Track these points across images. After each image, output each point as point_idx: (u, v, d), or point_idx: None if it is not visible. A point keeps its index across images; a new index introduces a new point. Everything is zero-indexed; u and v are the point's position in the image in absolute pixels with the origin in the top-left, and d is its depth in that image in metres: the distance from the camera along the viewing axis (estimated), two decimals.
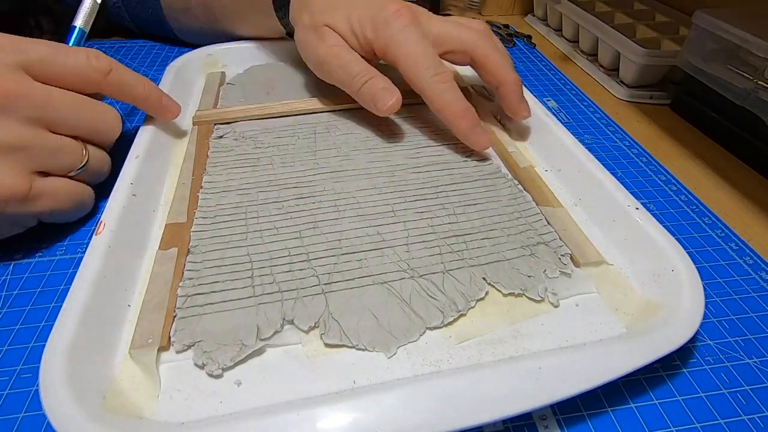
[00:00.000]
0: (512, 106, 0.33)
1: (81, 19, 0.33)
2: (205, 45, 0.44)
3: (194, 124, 0.35)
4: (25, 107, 0.23)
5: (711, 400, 0.21)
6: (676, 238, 0.24)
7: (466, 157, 0.33)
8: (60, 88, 0.25)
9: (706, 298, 0.22)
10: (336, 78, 0.33)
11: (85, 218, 0.29)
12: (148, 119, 0.32)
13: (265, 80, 0.42)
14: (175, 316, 0.22)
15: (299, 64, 0.41)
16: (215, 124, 0.35)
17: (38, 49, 0.25)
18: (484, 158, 0.33)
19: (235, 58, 0.44)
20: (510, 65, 0.33)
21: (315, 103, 0.37)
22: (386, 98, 0.31)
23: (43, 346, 0.18)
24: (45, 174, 0.25)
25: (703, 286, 0.22)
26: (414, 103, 0.35)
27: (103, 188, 0.31)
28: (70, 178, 0.26)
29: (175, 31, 0.49)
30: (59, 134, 0.25)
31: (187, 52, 0.43)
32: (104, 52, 0.27)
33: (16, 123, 0.23)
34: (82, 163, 0.26)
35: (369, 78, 0.31)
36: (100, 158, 0.28)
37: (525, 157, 0.33)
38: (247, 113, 0.36)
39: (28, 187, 0.23)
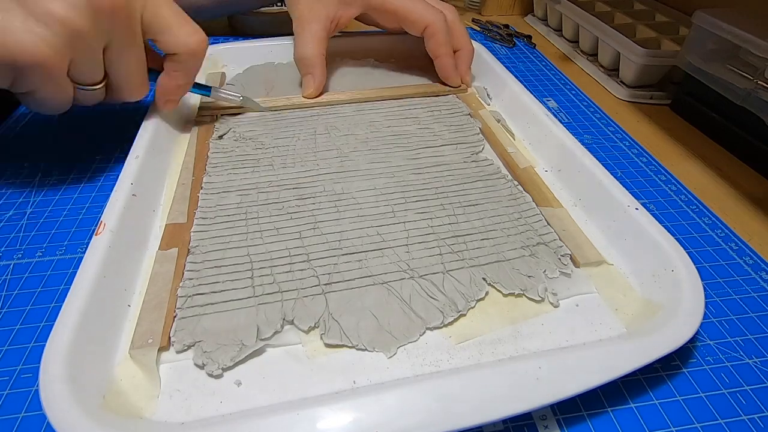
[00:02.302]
0: (462, 70, 0.41)
1: (219, 92, 0.35)
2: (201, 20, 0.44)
3: (198, 115, 0.36)
4: (116, 28, 0.26)
5: (711, 400, 0.21)
6: (676, 238, 0.24)
7: (466, 157, 0.33)
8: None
9: (706, 298, 0.22)
10: None
11: (85, 218, 0.29)
12: (148, 119, 0.32)
13: (265, 79, 0.42)
14: (175, 316, 0.22)
15: None
16: (216, 122, 0.35)
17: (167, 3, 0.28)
18: (483, 159, 0.33)
19: (235, 58, 0.44)
20: (468, 36, 0.41)
21: (316, 100, 0.38)
22: (309, 88, 0.38)
23: (43, 346, 0.18)
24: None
25: (703, 286, 0.22)
26: (413, 99, 0.34)
27: (103, 188, 0.32)
28: (74, 86, 0.28)
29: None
30: (103, 60, 0.27)
31: None
32: None
33: (97, 29, 0.25)
34: (92, 89, 0.28)
35: (310, 73, 0.38)
36: (102, 93, 0.29)
37: (525, 157, 0.33)
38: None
39: (63, 72, 0.25)
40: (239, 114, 0.37)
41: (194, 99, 0.39)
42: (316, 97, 0.39)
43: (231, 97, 0.35)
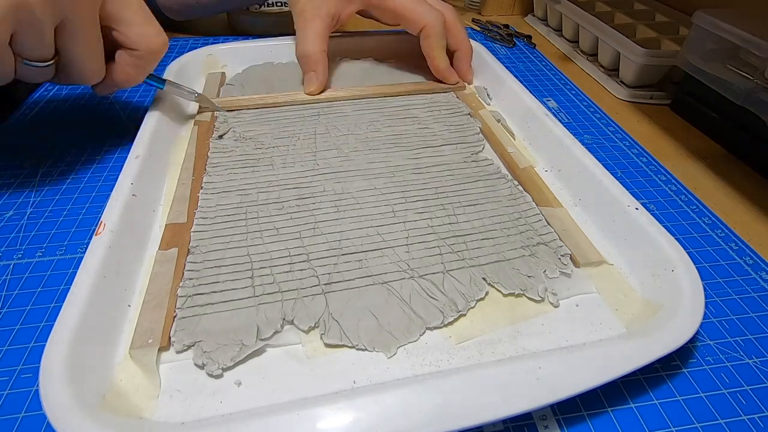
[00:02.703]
0: (462, 69, 0.41)
1: (171, 86, 0.35)
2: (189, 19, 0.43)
3: (198, 115, 0.36)
4: (71, 7, 0.25)
5: (711, 400, 0.21)
6: (676, 238, 0.24)
7: (466, 157, 0.33)
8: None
9: (706, 298, 0.22)
10: None
11: (85, 218, 0.29)
12: (148, 119, 0.32)
13: (264, 79, 0.42)
14: (175, 316, 0.22)
15: (296, 62, 0.42)
16: (216, 122, 0.35)
17: None
18: (483, 159, 0.33)
19: (235, 58, 0.44)
20: (467, 35, 0.42)
21: (315, 96, 0.39)
22: (311, 86, 0.39)
23: (43, 346, 0.18)
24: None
25: (703, 286, 0.22)
26: (412, 99, 0.34)
27: (103, 188, 0.32)
28: (20, 60, 0.26)
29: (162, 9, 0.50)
30: (55, 41, 0.26)
31: (187, 52, 0.43)
32: None
33: (47, 3, 0.24)
34: (39, 65, 0.27)
35: (313, 70, 0.39)
36: (50, 72, 0.28)
37: (525, 157, 0.33)
38: (251, 102, 0.37)
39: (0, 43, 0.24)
40: (239, 114, 0.37)
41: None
42: (319, 94, 0.39)
43: (186, 92, 0.35)
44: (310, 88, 0.39)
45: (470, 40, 0.43)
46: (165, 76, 0.38)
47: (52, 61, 0.27)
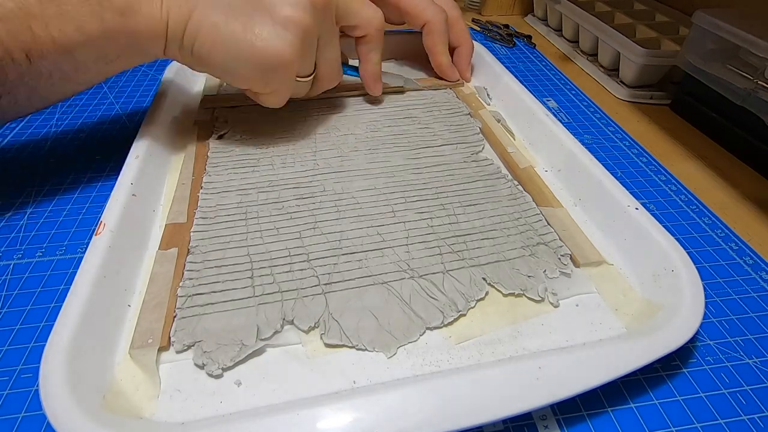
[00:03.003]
0: (462, 66, 0.42)
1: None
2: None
3: (197, 115, 0.36)
4: (326, 24, 0.29)
5: (711, 400, 0.21)
6: (676, 238, 0.24)
7: (466, 157, 0.33)
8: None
9: (706, 298, 0.22)
10: None
11: (85, 218, 0.29)
12: (148, 119, 0.33)
13: None
14: (175, 316, 0.22)
15: None
16: (216, 122, 0.35)
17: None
18: (483, 159, 0.33)
19: None
20: (469, 33, 0.42)
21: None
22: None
23: (43, 346, 0.18)
24: None
25: (703, 286, 0.22)
26: (412, 98, 0.34)
27: (103, 188, 0.32)
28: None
29: None
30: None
31: None
32: None
33: (317, 27, 0.28)
34: (306, 80, 0.31)
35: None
36: (307, 88, 0.32)
37: (525, 157, 0.33)
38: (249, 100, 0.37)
39: (298, 65, 0.28)
40: (238, 112, 0.37)
41: (194, 98, 0.39)
42: None
43: (392, 80, 0.38)
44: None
45: (472, 40, 0.43)
46: (165, 76, 0.38)
47: (313, 74, 0.31)
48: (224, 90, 0.40)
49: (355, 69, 0.37)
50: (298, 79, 0.30)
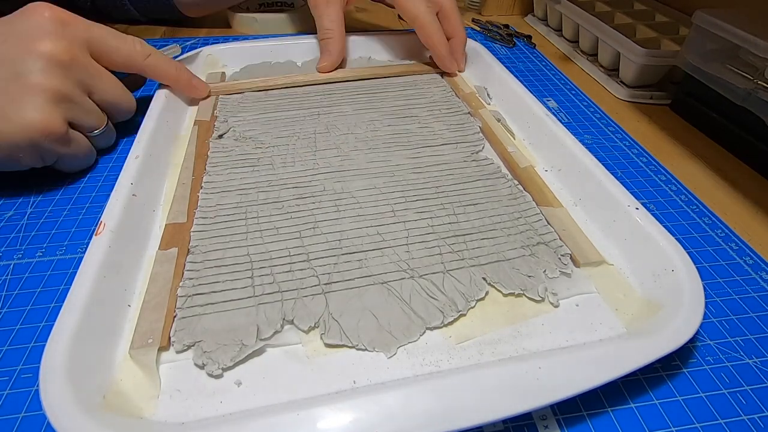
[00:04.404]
0: (457, 55, 0.43)
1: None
2: (206, 14, 0.47)
3: (198, 115, 0.36)
4: (81, 73, 0.30)
5: (711, 400, 0.21)
6: (676, 238, 0.24)
7: (466, 157, 0.33)
8: (107, 66, 0.32)
9: (706, 298, 0.22)
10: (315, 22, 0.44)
11: (85, 218, 0.29)
12: (148, 119, 0.33)
13: (262, 78, 0.42)
14: (175, 316, 0.22)
15: (293, 61, 0.44)
16: (216, 122, 0.35)
17: (99, 31, 0.31)
18: (483, 158, 0.33)
19: (234, 58, 0.44)
20: (463, 25, 0.43)
21: (314, 77, 0.41)
22: (324, 61, 0.42)
23: (43, 346, 0.18)
24: (73, 127, 0.30)
25: (703, 286, 0.22)
26: (412, 98, 0.34)
27: (103, 188, 0.32)
28: (88, 136, 0.32)
29: (178, 5, 0.53)
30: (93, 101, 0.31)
31: (187, 52, 0.43)
32: None
33: (71, 81, 0.29)
34: (102, 128, 0.32)
35: (329, 37, 0.42)
36: (112, 129, 0.34)
37: (525, 157, 0.33)
38: (253, 85, 0.40)
39: (65, 130, 0.29)
40: (239, 113, 0.37)
41: (194, 99, 0.39)
42: (331, 71, 0.42)
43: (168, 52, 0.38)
44: (323, 63, 0.42)
45: (470, 39, 0.44)
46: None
47: (107, 123, 0.33)
48: (222, 98, 0.40)
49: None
50: (92, 134, 0.32)
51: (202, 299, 0.23)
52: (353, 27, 0.56)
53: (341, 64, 0.43)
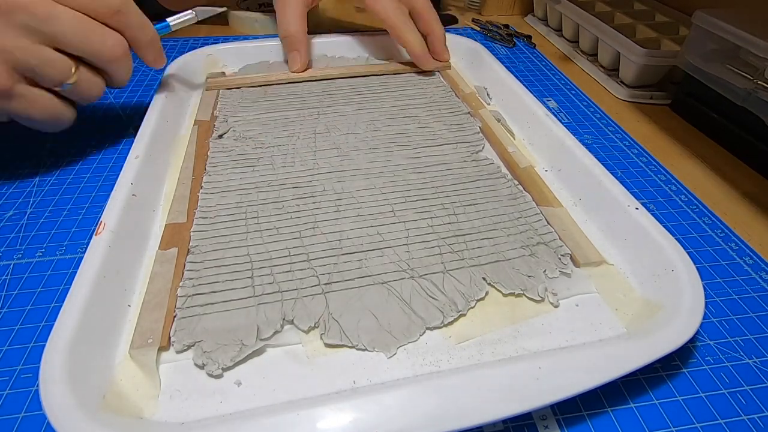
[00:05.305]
0: (437, 51, 0.43)
1: (175, 21, 0.36)
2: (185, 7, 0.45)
3: (197, 115, 0.36)
4: (25, 16, 0.25)
5: (711, 400, 0.21)
6: (676, 238, 0.24)
7: (466, 157, 0.33)
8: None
9: (706, 298, 0.22)
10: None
11: (85, 218, 0.29)
12: (148, 119, 0.32)
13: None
14: (175, 316, 0.22)
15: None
16: (215, 121, 0.35)
17: None
18: (483, 158, 0.33)
19: (234, 58, 0.44)
20: (438, 20, 0.42)
21: (312, 73, 0.42)
22: (294, 66, 0.41)
23: (43, 346, 0.18)
24: (34, 83, 0.27)
25: (703, 286, 0.22)
26: (412, 97, 0.34)
27: (103, 188, 0.32)
28: (57, 92, 0.27)
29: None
30: (56, 49, 0.26)
31: (187, 52, 0.43)
32: None
33: (12, 29, 0.25)
34: (70, 81, 0.27)
35: (285, 36, 0.41)
36: (91, 80, 0.29)
37: (525, 157, 0.33)
38: (253, 81, 0.40)
39: (8, 85, 0.25)
40: (239, 113, 0.37)
41: (194, 98, 0.39)
42: (303, 71, 0.42)
43: (185, 18, 0.36)
44: (294, 67, 0.41)
45: (470, 39, 0.44)
46: (165, 76, 0.38)
47: (74, 71, 0.27)
48: (221, 97, 0.40)
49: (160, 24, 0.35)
50: (64, 86, 0.27)
51: (202, 299, 0.23)
52: (353, 27, 0.56)
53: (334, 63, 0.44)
